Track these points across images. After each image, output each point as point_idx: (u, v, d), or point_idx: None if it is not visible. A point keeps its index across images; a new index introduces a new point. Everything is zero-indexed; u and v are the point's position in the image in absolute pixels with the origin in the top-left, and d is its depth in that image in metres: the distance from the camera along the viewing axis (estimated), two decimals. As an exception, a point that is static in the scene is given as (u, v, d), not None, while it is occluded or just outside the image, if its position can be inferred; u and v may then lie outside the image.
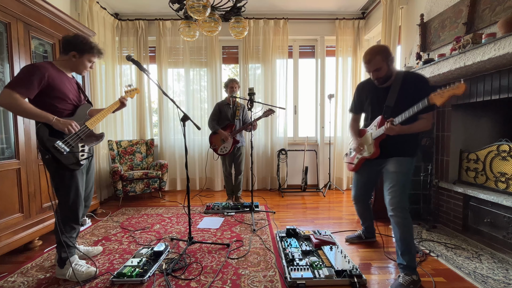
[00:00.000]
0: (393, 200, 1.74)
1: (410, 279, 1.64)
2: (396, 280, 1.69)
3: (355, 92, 2.09)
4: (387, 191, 1.80)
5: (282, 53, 4.21)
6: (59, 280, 1.76)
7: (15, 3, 2.10)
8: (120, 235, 2.50)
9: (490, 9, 2.12)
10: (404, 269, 1.70)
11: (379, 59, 1.72)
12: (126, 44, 4.16)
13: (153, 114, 4.45)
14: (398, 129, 1.69)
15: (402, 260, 1.71)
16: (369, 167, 2.04)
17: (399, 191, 1.74)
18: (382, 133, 1.80)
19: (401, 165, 1.78)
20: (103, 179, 3.74)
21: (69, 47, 1.77)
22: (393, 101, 1.77)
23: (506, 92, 2.03)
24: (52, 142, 1.63)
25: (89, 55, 1.81)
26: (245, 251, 2.15)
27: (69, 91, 1.79)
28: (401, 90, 1.75)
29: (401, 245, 1.71)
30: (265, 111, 3.23)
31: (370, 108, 1.96)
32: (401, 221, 1.71)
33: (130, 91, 2.15)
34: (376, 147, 1.87)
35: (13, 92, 1.54)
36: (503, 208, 2.07)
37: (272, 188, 4.36)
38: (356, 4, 3.96)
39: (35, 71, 1.61)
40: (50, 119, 1.62)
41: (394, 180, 1.77)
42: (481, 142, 2.52)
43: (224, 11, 2.76)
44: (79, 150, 1.77)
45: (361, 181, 2.14)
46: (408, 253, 1.69)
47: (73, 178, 1.74)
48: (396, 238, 1.75)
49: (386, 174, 1.87)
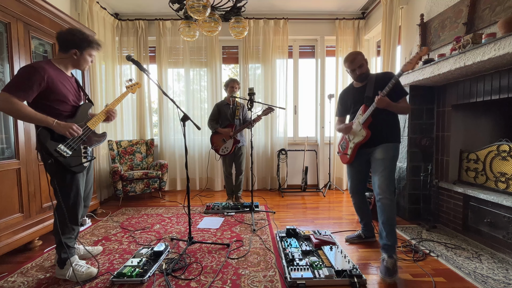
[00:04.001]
0: (383, 184, 1.92)
1: (393, 261, 1.80)
2: (382, 264, 1.83)
3: (339, 99, 2.36)
4: (376, 176, 1.97)
5: (282, 53, 4.21)
6: (59, 280, 1.76)
7: (15, 3, 2.10)
8: (120, 235, 2.50)
9: (490, 9, 2.12)
10: (387, 250, 1.85)
11: (361, 58, 2.05)
12: (126, 44, 4.16)
13: (153, 114, 4.45)
14: (387, 100, 1.89)
15: (387, 240, 1.87)
16: (359, 157, 2.17)
17: (386, 175, 1.93)
18: (369, 115, 2.00)
19: (388, 152, 1.98)
20: (103, 179, 3.74)
21: (68, 45, 1.71)
22: (371, 92, 2.03)
23: (506, 92, 2.03)
24: (54, 146, 1.60)
25: (89, 49, 1.77)
26: (245, 251, 2.15)
27: (69, 92, 1.75)
28: (376, 83, 2.03)
29: (387, 226, 1.88)
30: (264, 109, 3.23)
31: (353, 106, 2.19)
32: (389, 203, 1.89)
33: (132, 85, 2.11)
34: (366, 129, 2.03)
35: (11, 96, 1.49)
36: (503, 208, 2.07)
37: (272, 188, 4.36)
38: (356, 4, 3.96)
39: (34, 74, 1.55)
40: (51, 123, 1.58)
41: (382, 165, 1.95)
42: (481, 142, 2.52)
43: (224, 11, 2.76)
44: (81, 153, 1.75)
45: (355, 171, 2.25)
46: (393, 234, 1.87)
47: (74, 180, 1.73)
48: (382, 220, 1.90)
49: (374, 161, 2.03)
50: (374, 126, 2.02)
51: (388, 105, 1.91)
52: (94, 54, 1.84)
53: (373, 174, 2.03)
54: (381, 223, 1.92)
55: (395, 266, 1.78)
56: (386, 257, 1.83)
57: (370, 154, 2.09)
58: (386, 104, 1.90)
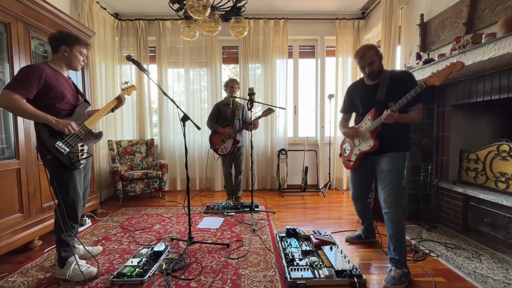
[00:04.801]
0: (388, 198, 1.80)
1: (401, 272, 1.72)
2: (389, 274, 1.75)
3: (346, 94, 2.17)
4: (382, 189, 1.85)
5: (282, 53, 4.21)
6: (59, 280, 1.76)
7: (15, 3, 2.10)
8: (120, 235, 2.50)
9: (490, 9, 2.12)
10: (395, 263, 1.77)
11: (372, 53, 1.81)
12: (126, 44, 4.16)
13: (153, 114, 4.45)
14: (397, 116, 1.72)
15: (394, 255, 1.78)
16: (364, 165, 2.06)
17: (393, 189, 1.79)
18: (379, 125, 1.84)
19: (395, 163, 1.83)
20: (103, 179, 3.74)
21: (57, 43, 1.76)
22: (383, 95, 1.84)
23: (506, 92, 2.03)
24: (52, 142, 1.64)
25: (78, 46, 1.80)
26: (245, 251, 2.15)
27: (67, 90, 1.79)
28: (390, 85, 1.84)
29: (394, 241, 1.78)
30: (264, 110, 3.23)
31: (361, 106, 2.02)
32: (395, 218, 1.77)
33: (127, 88, 2.16)
34: (374, 139, 1.90)
35: (13, 93, 1.55)
36: (503, 208, 2.07)
37: (272, 188, 4.36)
38: (356, 4, 3.95)
39: (33, 72, 1.62)
40: (50, 120, 1.63)
41: (389, 178, 1.81)
42: (481, 142, 2.52)
43: (224, 11, 2.76)
44: (79, 150, 1.78)
45: (359, 179, 2.16)
46: (400, 249, 1.77)
47: (71, 177, 1.76)
48: (389, 234, 1.81)
49: (380, 173, 1.90)
50: (382, 133, 1.88)
51: (397, 120, 1.75)
52: (85, 52, 1.87)
53: (378, 185, 1.90)
54: (388, 237, 1.83)
55: (402, 276, 1.70)
56: (394, 268, 1.75)
57: (376, 162, 1.95)
58: (395, 120, 1.74)
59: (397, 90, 1.77)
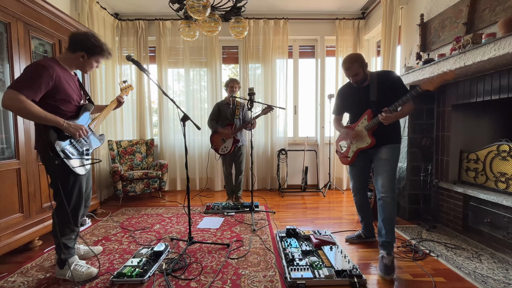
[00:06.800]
0: (387, 183, 1.96)
1: (391, 258, 1.86)
2: (381, 262, 1.86)
3: (337, 97, 2.31)
4: (380, 175, 2.00)
5: (282, 53, 4.21)
6: (59, 280, 1.76)
7: (15, 3, 2.10)
8: (120, 235, 2.50)
9: (490, 9, 2.12)
10: (385, 247, 1.90)
11: (357, 66, 1.95)
12: (126, 44, 4.16)
13: (153, 114, 4.45)
14: (394, 116, 1.89)
15: (386, 237, 1.92)
16: (362, 157, 2.18)
17: (391, 176, 1.97)
18: (375, 124, 1.98)
19: (393, 153, 2.01)
20: (103, 179, 3.74)
21: (78, 46, 1.67)
22: (375, 96, 2.01)
23: (506, 92, 2.03)
24: (61, 146, 1.59)
25: (98, 57, 1.74)
26: (245, 251, 2.15)
27: (73, 91, 1.73)
28: (379, 86, 2.01)
29: (388, 224, 1.93)
30: (263, 108, 3.23)
31: (354, 107, 2.16)
32: (391, 202, 1.93)
33: (125, 88, 2.17)
34: (371, 137, 2.05)
35: (19, 94, 1.43)
36: (503, 208, 2.07)
37: (272, 188, 4.36)
38: (356, 4, 3.95)
39: (44, 73, 1.51)
40: (61, 123, 1.56)
41: (388, 165, 1.99)
42: (481, 142, 2.52)
43: (224, 11, 2.75)
44: (84, 154, 1.75)
45: (358, 172, 2.26)
46: (392, 232, 1.94)
47: (77, 181, 1.72)
48: (383, 217, 1.94)
49: (378, 161, 2.05)
50: (378, 130, 2.02)
51: (394, 119, 1.91)
52: (102, 62, 1.82)
53: (375, 173, 2.05)
54: (381, 221, 1.96)
55: (393, 263, 1.84)
56: (385, 254, 1.87)
57: (373, 154, 2.10)
58: (393, 120, 1.90)
59: (386, 88, 1.96)
